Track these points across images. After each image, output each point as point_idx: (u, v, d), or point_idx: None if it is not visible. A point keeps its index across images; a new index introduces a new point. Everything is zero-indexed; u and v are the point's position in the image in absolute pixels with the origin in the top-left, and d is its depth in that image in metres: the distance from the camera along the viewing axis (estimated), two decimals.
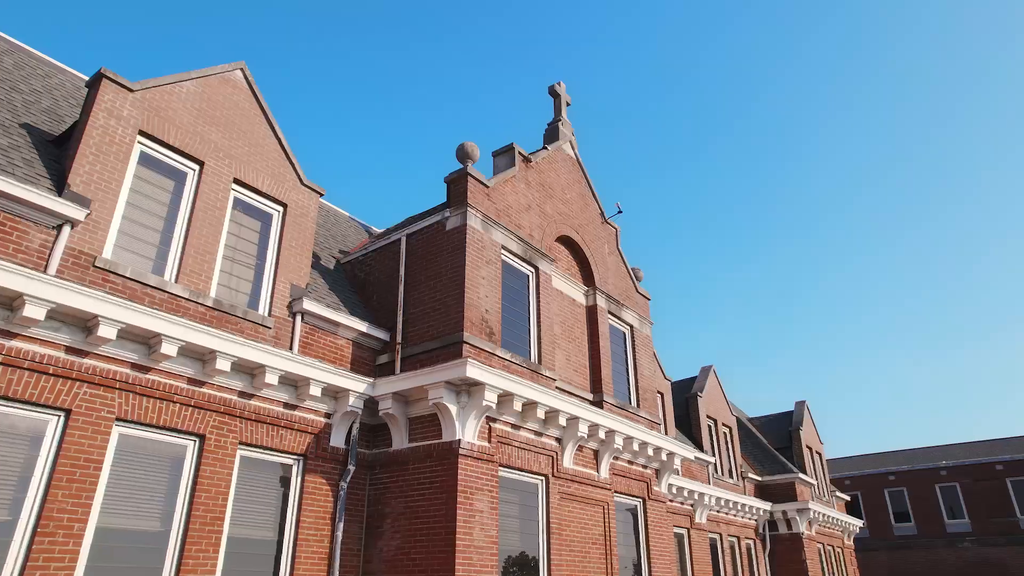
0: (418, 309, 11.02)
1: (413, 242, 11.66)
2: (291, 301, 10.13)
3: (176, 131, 9.32)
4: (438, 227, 11.33)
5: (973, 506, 36.11)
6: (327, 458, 9.87)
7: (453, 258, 10.82)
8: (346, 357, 10.77)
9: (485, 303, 10.76)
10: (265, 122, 10.72)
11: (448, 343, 10.24)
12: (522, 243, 12.04)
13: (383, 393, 10.09)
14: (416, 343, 10.77)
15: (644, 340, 15.27)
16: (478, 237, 11.05)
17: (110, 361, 7.72)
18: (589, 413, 11.48)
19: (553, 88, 15.59)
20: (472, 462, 9.62)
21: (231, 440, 8.71)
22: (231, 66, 10.43)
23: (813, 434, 28.43)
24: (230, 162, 9.94)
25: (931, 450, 42.51)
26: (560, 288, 13.31)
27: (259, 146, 10.49)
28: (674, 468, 14.10)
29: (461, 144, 11.67)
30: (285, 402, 9.50)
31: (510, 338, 11.36)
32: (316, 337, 10.40)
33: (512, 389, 9.92)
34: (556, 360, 12.48)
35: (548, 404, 10.59)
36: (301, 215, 10.80)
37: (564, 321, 13.15)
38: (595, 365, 13.44)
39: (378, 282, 12.04)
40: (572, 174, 14.70)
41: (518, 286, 11.98)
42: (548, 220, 13.21)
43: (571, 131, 15.26)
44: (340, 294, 11.55)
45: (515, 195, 12.43)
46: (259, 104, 10.70)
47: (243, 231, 10.06)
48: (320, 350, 10.39)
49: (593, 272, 14.14)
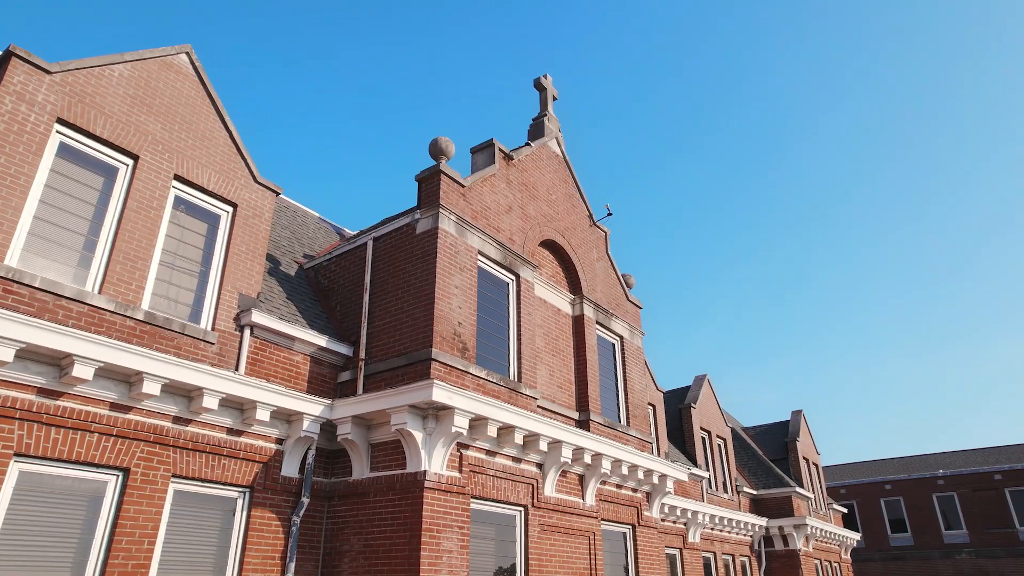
0: (384, 321, 9.95)
1: (380, 247, 10.59)
2: (239, 313, 9.05)
3: (105, 120, 8.22)
4: (407, 230, 10.27)
5: (971, 516, 35.25)
6: (277, 489, 8.79)
7: (423, 265, 9.76)
8: (302, 375, 9.69)
9: (458, 315, 9.70)
10: (214, 113, 9.64)
11: (415, 360, 9.17)
12: (501, 248, 10.99)
13: (342, 416, 9.03)
14: (381, 359, 9.70)
15: (635, 352, 14.24)
16: (451, 242, 9.99)
17: (9, 387, 6.62)
18: (573, 436, 10.44)
19: (539, 81, 14.53)
20: (439, 495, 8.56)
21: (162, 473, 7.62)
22: (175, 49, 9.34)
23: (810, 445, 27.50)
24: (171, 156, 8.85)
25: (928, 458, 41.67)
26: (543, 297, 12.27)
27: (206, 139, 9.40)
28: (666, 490, 13.09)
29: (435, 139, 10.61)
30: (229, 427, 8.43)
31: (486, 353, 10.31)
32: (268, 353, 9.32)
33: (486, 412, 8.87)
34: (538, 376, 11.43)
35: (527, 428, 9.55)
36: (253, 216, 9.72)
37: (548, 333, 12.10)
38: (581, 380, 12.40)
39: (342, 290, 10.96)
40: (558, 173, 13.65)
41: (496, 295, 10.93)
42: (531, 223, 12.16)
43: (558, 127, 14.21)
44: (299, 303, 10.47)
45: (494, 195, 11.37)
46: (207, 92, 9.62)
47: (185, 234, 8.97)
48: (272, 368, 9.31)
49: (580, 279, 13.10)
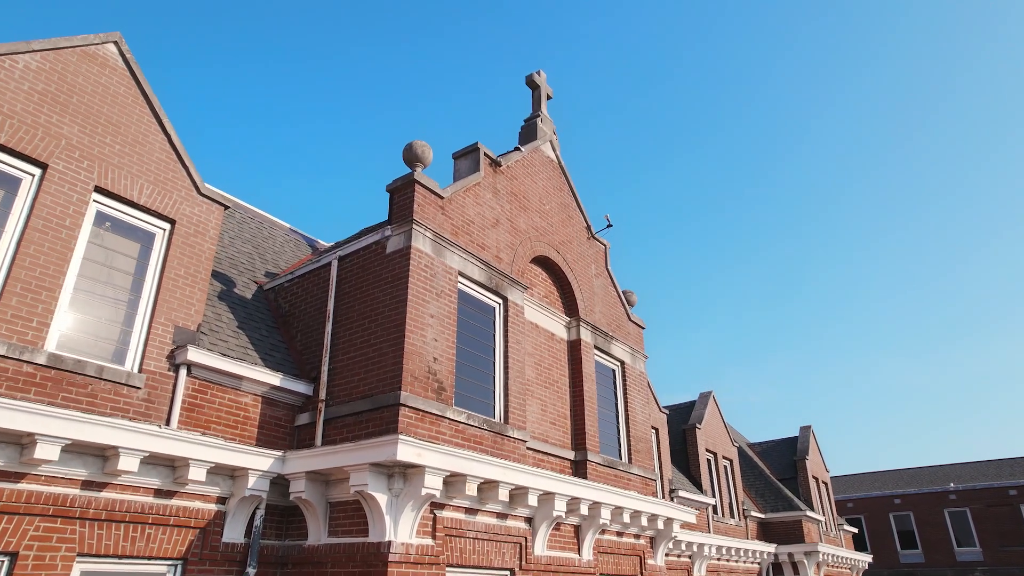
0: (348, 356, 8.58)
1: (346, 267, 9.22)
2: (173, 349, 7.67)
3: (2, 121, 6.84)
4: (376, 249, 8.89)
5: (984, 533, 33.91)
6: (218, 559, 7.41)
7: (392, 291, 8.39)
8: (251, 419, 8.32)
9: (433, 349, 8.33)
10: (149, 113, 8.26)
11: (381, 405, 7.81)
12: (486, 268, 9.62)
13: (295, 472, 7.66)
14: (344, 401, 8.34)
15: (637, 378, 12.87)
16: (426, 263, 8.62)
17: None
18: (568, 485, 9.08)
19: (532, 78, 13.14)
20: (407, 569, 7.19)
21: (64, 553, 6.25)
22: (99, 38, 7.95)
23: (819, 462, 26.15)
24: (91, 165, 7.47)
25: (938, 469, 40.30)
26: (535, 321, 10.89)
27: (138, 145, 8.03)
28: (672, 535, 11.73)
29: (409, 144, 9.24)
30: (157, 489, 7.06)
31: (467, 390, 8.94)
32: (209, 396, 7.94)
33: (464, 468, 7.51)
34: (528, 412, 10.07)
35: (514, 481, 8.19)
36: (196, 234, 8.34)
37: (540, 362, 10.73)
38: (577, 415, 11.03)
39: (304, 316, 9.59)
40: (552, 180, 12.27)
41: (480, 322, 9.56)
42: (521, 237, 10.79)
43: (552, 129, 12.83)
44: (253, 333, 9.10)
45: (479, 207, 10.00)
46: (141, 90, 8.24)
47: (110, 257, 7.59)
48: (214, 413, 7.93)
49: (576, 299, 11.73)
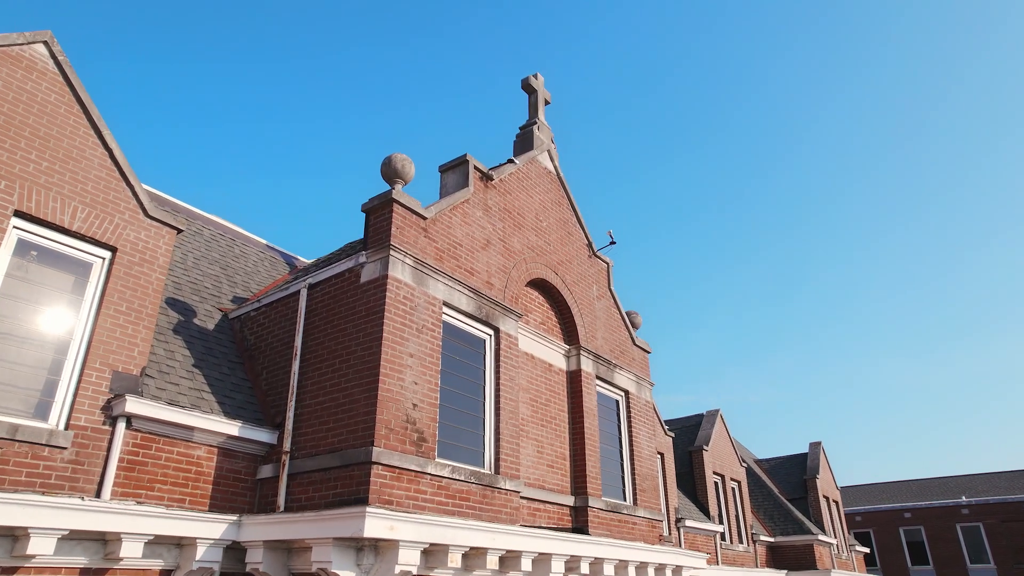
0: (317, 400, 7.53)
1: (316, 297, 8.17)
2: (110, 400, 6.62)
3: None
4: (350, 277, 7.85)
5: (999, 549, 32.83)
6: None
7: (366, 326, 7.35)
8: (205, 474, 7.26)
9: (412, 394, 7.29)
10: (86, 124, 7.22)
11: (351, 462, 6.76)
12: (476, 296, 8.58)
13: (252, 540, 6.63)
14: (310, 454, 7.29)
15: (643, 408, 11.82)
16: (406, 294, 7.58)
17: None
18: (566, 543, 8.05)
19: (528, 82, 12.08)
20: None
21: None
22: (25, 37, 6.90)
23: (829, 480, 25.10)
24: (10, 186, 6.43)
25: (949, 481, 39.23)
26: (531, 351, 9.85)
27: (73, 161, 6.99)
28: None
29: (388, 158, 8.20)
30: (83, 567, 6.04)
31: (453, 437, 7.90)
32: (154, 450, 6.90)
33: (445, 538, 6.47)
34: (523, 456, 9.03)
35: (504, 546, 7.15)
36: (141, 263, 7.29)
37: (536, 397, 9.69)
38: (578, 455, 9.98)
39: (270, 351, 8.54)
40: (550, 194, 11.22)
41: (469, 357, 8.52)
42: (516, 259, 9.74)
43: (550, 137, 11.78)
44: (211, 371, 8.05)
45: (467, 227, 8.96)
46: (76, 97, 7.19)
47: (35, 292, 6.56)
48: (160, 470, 6.88)
49: (577, 325, 10.68)
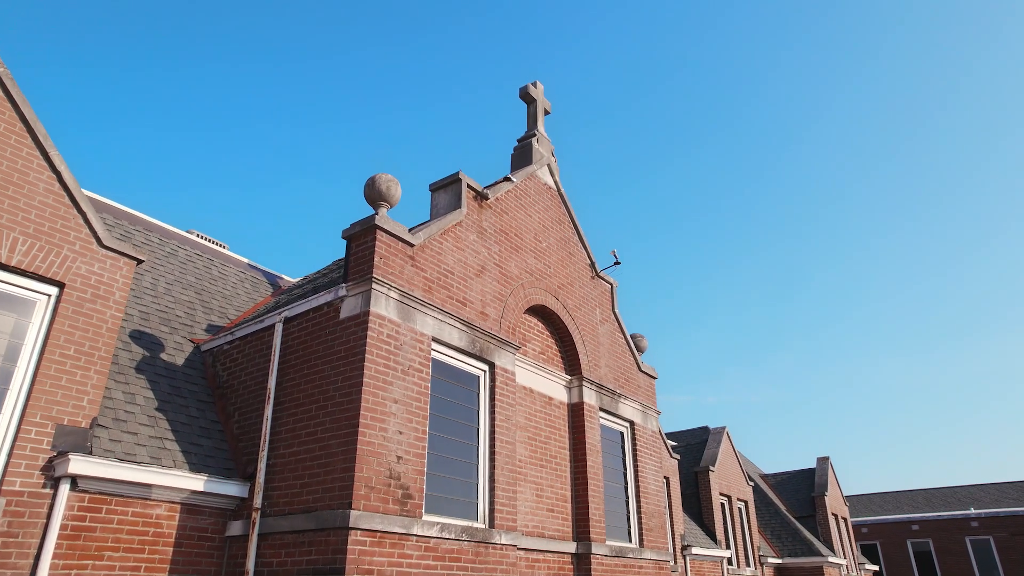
0: (291, 450, 6.77)
1: (292, 333, 7.41)
2: (51, 459, 5.86)
3: None
4: (329, 312, 7.09)
5: (1009, 564, 32.05)
6: None
7: (346, 369, 6.59)
8: (165, 536, 6.49)
9: (397, 445, 6.53)
10: (29, 143, 6.46)
11: (327, 526, 6.00)
12: (469, 330, 7.82)
13: None
14: (283, 512, 6.53)
15: (649, 440, 11.06)
16: (390, 332, 6.81)
17: None
18: None
19: (527, 91, 11.33)
20: None
21: None
22: None
23: (838, 496, 24.34)
24: None
25: (957, 491, 38.45)
26: (529, 385, 9.09)
27: (12, 186, 6.23)
28: None
29: (371, 179, 7.44)
30: None
31: (443, 489, 7.13)
32: (104, 513, 6.13)
33: None
34: (521, 502, 8.27)
35: None
36: (93, 299, 6.53)
37: (535, 436, 8.92)
38: (580, 496, 9.22)
39: (243, 391, 7.78)
40: (550, 212, 10.46)
41: (461, 396, 7.76)
42: (513, 285, 8.99)
43: (550, 150, 11.02)
44: (177, 415, 7.28)
45: (460, 253, 8.20)
46: (17, 112, 6.44)
47: None
48: (110, 535, 6.11)
49: (579, 354, 9.92)
